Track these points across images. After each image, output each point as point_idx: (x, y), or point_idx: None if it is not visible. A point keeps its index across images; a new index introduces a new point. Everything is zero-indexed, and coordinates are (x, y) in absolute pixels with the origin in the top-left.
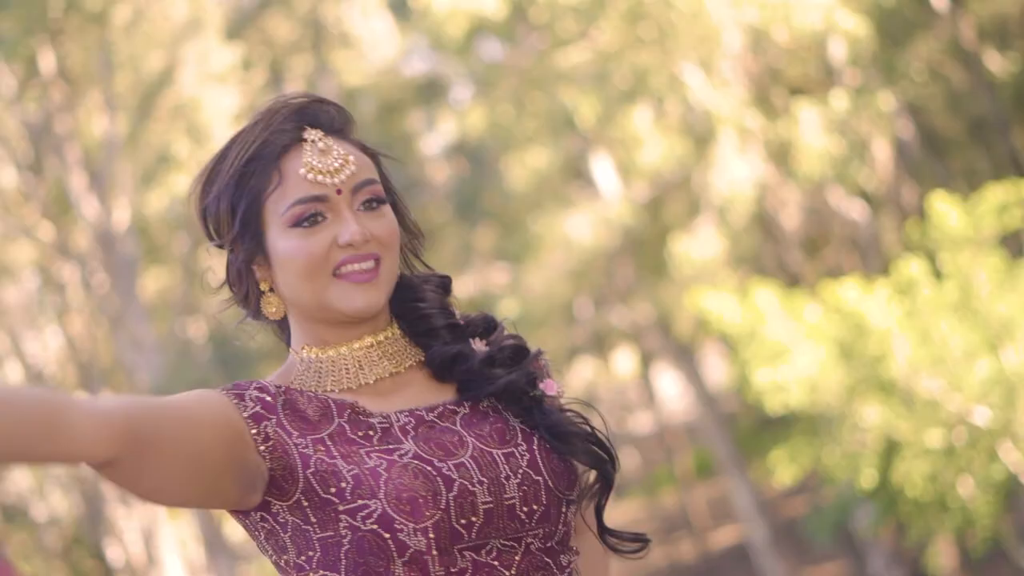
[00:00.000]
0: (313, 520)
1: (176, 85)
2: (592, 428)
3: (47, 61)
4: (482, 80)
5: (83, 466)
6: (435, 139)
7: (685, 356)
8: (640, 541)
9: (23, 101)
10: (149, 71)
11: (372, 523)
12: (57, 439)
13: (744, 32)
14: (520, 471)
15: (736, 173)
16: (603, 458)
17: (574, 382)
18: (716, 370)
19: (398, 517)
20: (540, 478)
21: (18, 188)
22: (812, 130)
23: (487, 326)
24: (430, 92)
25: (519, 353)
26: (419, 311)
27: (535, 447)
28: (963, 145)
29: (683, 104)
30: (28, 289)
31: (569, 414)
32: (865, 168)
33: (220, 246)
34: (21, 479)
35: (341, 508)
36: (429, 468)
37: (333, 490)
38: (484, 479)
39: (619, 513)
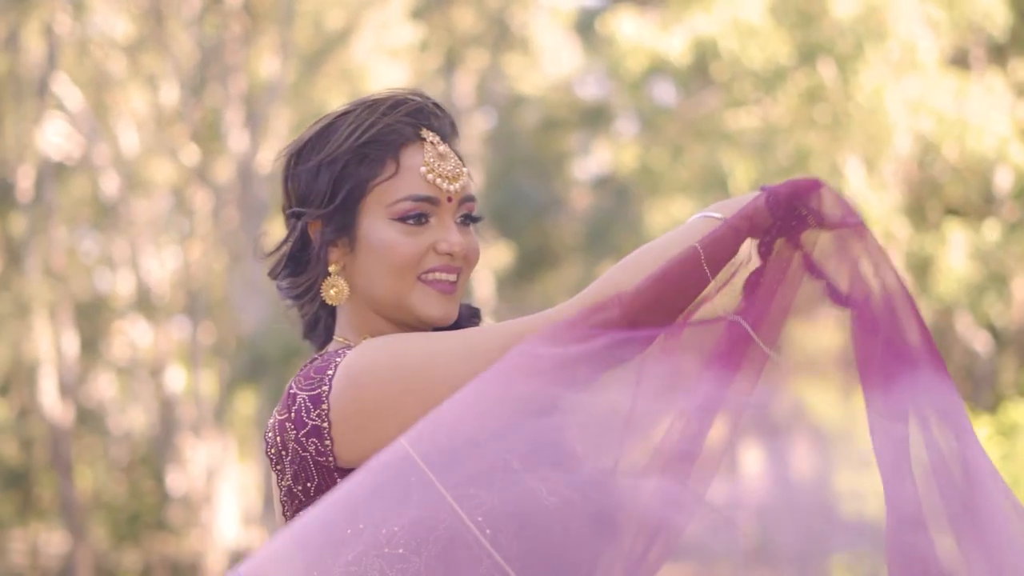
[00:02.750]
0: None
1: (350, 48)
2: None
3: None
4: (648, 120)
5: (166, 388)
6: (587, 164)
7: (775, 438)
8: None
9: (202, 25)
10: (328, 28)
11: (479, 515)
12: None
13: (915, 140)
14: None
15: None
16: None
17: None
18: (802, 461)
19: (503, 517)
20: None
21: (175, 107)
22: (957, 253)
23: (471, 314)
24: (595, 118)
25: None
26: None
27: None
28: None
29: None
30: (159, 207)
31: None
32: (1000, 303)
33: (296, 215)
34: (106, 388)
35: (450, 491)
36: (532, 483)
37: None
38: None
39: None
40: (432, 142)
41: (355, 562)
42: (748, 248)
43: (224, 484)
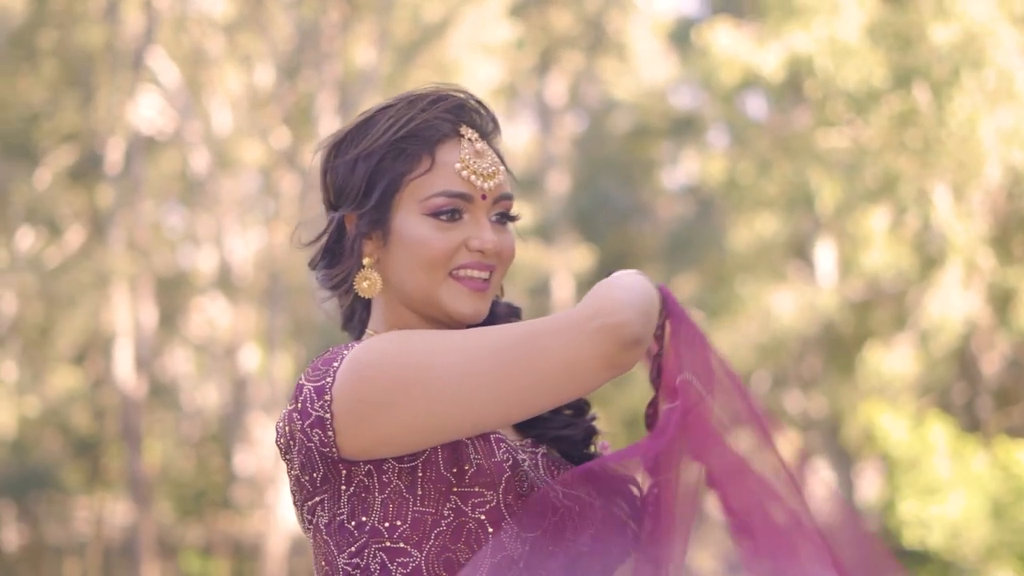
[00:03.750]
0: (419, 492)
1: (445, 42)
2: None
3: None
4: (738, 133)
5: (240, 367)
6: (675, 173)
7: (843, 462)
8: None
9: (301, 8)
10: (426, 20)
11: (481, 513)
12: None
13: (1006, 171)
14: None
15: (952, 303)
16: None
17: None
18: (870, 485)
19: (508, 517)
20: None
21: (269, 89)
22: None
23: (509, 312)
24: (686, 128)
25: (582, 407)
26: None
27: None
28: None
29: (923, 220)
30: (246, 187)
31: None
32: None
33: (334, 207)
34: (181, 363)
35: (455, 489)
36: (541, 486)
37: (455, 470)
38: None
39: None
40: (470, 139)
41: (357, 554)
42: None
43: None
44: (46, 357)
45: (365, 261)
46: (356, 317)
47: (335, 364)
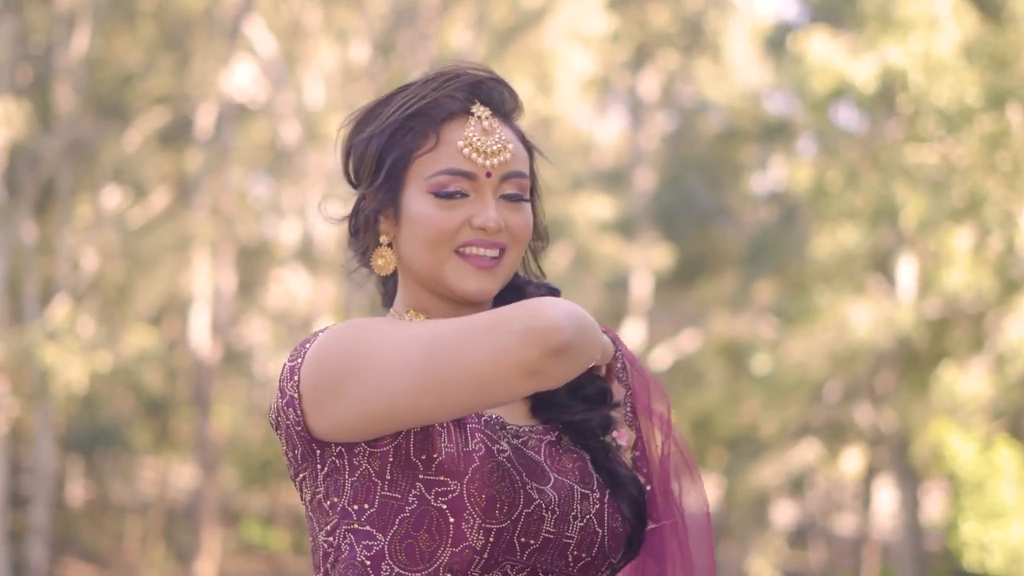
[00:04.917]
0: (387, 476)
1: (541, 30)
2: (642, 492)
3: None
4: (827, 142)
5: None
6: (763, 178)
7: (910, 479)
8: None
9: None
10: (524, 7)
11: (443, 502)
12: None
13: None
14: (587, 517)
15: None
16: (643, 519)
17: (792, 459)
18: (935, 505)
19: (470, 507)
20: (601, 531)
21: (363, 65)
22: None
23: (547, 294)
24: (776, 133)
25: (603, 395)
26: None
27: (606, 501)
28: None
29: (1006, 242)
30: (333, 162)
31: (625, 471)
32: None
33: (354, 186)
34: (258, 333)
35: (421, 476)
36: (517, 478)
37: (423, 456)
38: (557, 510)
39: None
40: (479, 116)
41: (331, 532)
42: None
43: None
44: (124, 315)
45: (382, 239)
46: (388, 295)
47: (307, 346)
